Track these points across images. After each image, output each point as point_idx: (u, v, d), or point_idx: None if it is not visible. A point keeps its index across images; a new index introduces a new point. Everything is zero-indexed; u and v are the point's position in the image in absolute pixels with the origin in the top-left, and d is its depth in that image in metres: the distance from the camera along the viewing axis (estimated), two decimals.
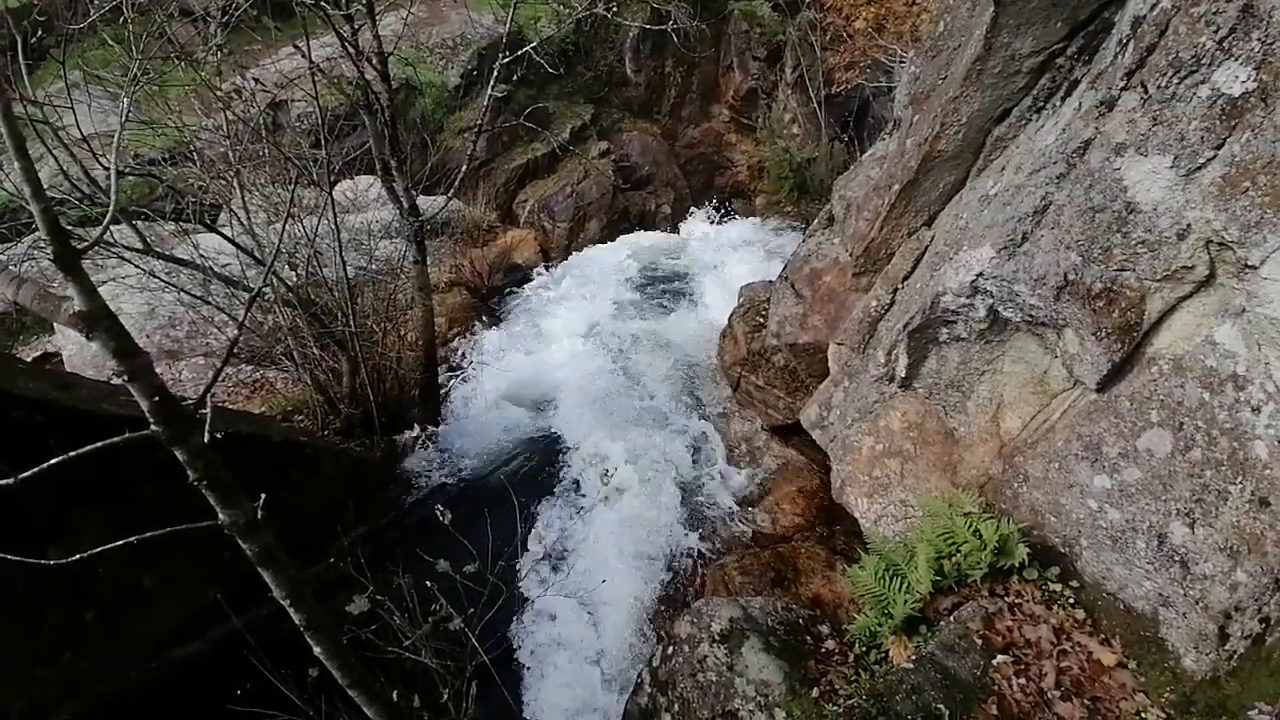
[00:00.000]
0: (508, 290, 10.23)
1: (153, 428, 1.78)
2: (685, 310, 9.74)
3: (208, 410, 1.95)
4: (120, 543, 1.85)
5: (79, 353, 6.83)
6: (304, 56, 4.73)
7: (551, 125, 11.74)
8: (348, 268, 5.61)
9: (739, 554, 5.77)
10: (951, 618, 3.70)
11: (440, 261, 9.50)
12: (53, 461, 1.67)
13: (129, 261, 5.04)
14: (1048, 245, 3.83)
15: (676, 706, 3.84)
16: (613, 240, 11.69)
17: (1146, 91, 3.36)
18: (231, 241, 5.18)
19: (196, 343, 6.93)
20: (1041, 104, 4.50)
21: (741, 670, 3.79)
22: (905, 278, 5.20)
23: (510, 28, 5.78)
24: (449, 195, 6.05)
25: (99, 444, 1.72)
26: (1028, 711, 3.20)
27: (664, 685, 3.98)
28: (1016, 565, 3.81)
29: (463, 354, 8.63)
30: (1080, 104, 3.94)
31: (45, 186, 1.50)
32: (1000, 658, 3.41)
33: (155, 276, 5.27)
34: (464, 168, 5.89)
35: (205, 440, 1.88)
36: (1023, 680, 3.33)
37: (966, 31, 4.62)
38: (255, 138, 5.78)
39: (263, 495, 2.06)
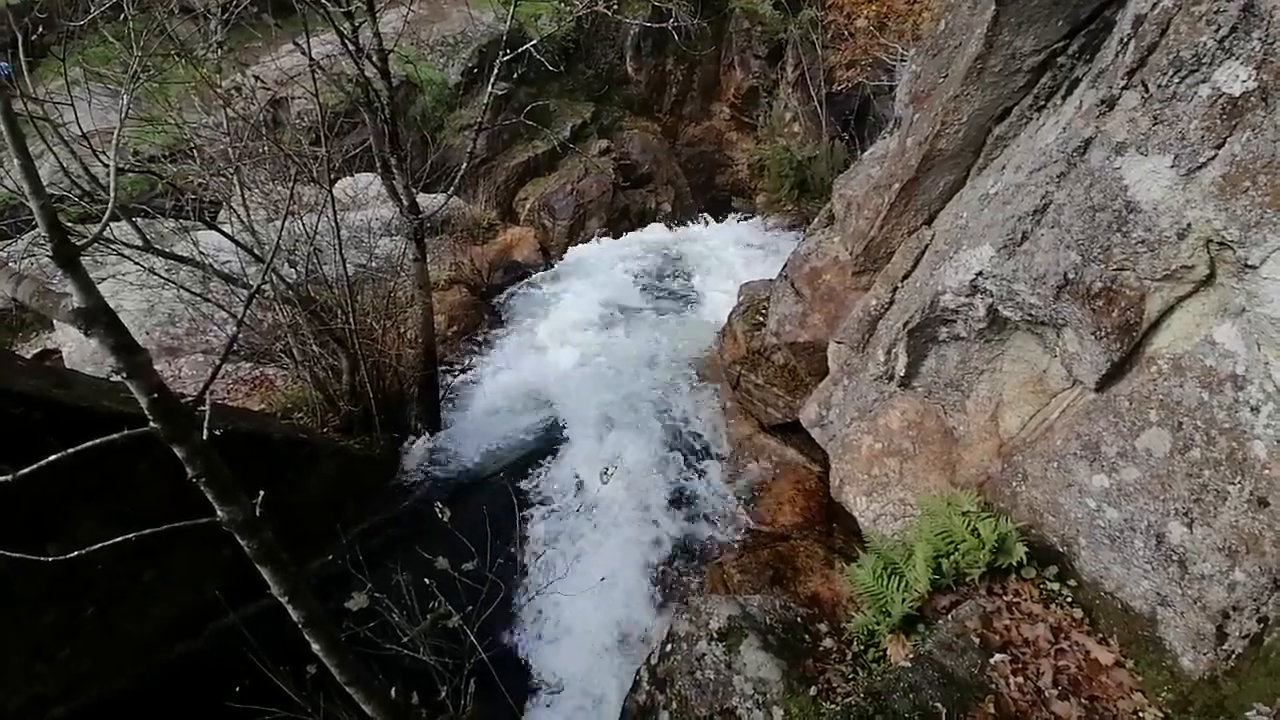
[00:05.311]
0: (508, 288, 10.23)
1: (152, 425, 1.78)
2: (685, 309, 9.74)
3: (207, 407, 1.95)
4: (119, 539, 1.85)
5: (78, 349, 6.83)
6: (304, 54, 4.73)
7: (552, 123, 11.74)
8: (347, 265, 5.62)
9: (737, 552, 5.78)
10: (949, 616, 3.70)
11: (440, 259, 9.49)
12: (51, 459, 1.67)
13: (128, 259, 5.03)
14: (1048, 244, 3.83)
15: (674, 704, 3.84)
16: (613, 238, 11.71)
17: (1147, 90, 3.36)
18: (231, 239, 5.19)
19: (196, 340, 6.93)
20: (1042, 103, 4.49)
21: (739, 668, 3.79)
22: (905, 276, 5.20)
23: (511, 25, 5.77)
24: (449, 193, 6.04)
25: (98, 441, 1.71)
26: (1025, 710, 3.20)
27: (662, 683, 3.99)
28: (1014, 564, 3.81)
29: (462, 351, 8.64)
30: (1081, 103, 3.93)
31: (45, 183, 1.50)
32: (998, 656, 3.41)
33: (155, 274, 5.28)
34: (464, 165, 5.88)
35: (204, 437, 1.88)
36: (1020, 679, 3.33)
37: (968, 30, 4.62)
38: (255, 135, 5.77)
39: (261, 492, 2.06)
